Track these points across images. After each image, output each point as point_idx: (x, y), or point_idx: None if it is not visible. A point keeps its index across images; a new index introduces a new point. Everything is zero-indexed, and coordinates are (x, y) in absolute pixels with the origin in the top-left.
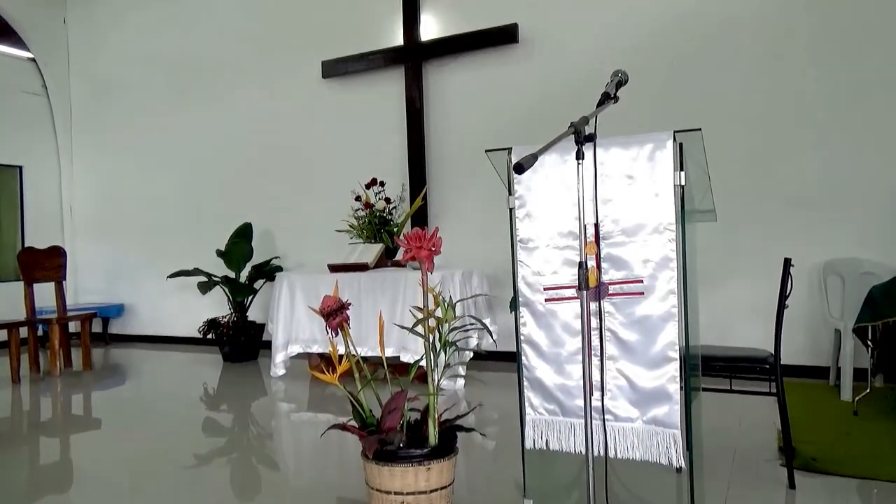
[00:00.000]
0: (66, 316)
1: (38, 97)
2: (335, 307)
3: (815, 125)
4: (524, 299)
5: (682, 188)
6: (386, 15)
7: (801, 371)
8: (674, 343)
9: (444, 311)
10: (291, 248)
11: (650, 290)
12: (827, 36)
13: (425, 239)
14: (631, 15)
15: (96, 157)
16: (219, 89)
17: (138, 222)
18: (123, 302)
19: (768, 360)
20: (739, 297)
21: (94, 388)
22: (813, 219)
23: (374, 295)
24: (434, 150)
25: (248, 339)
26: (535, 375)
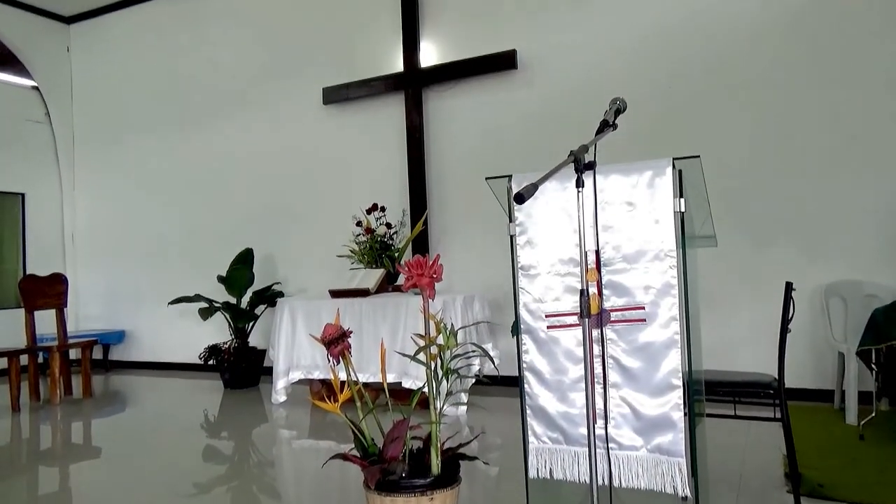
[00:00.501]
0: (67, 343)
1: (40, 125)
2: (336, 335)
3: (815, 147)
4: (526, 326)
5: (682, 214)
6: (386, 42)
7: (805, 394)
8: (677, 370)
9: (445, 338)
10: (293, 273)
11: (652, 317)
12: (824, 60)
13: (426, 266)
14: (628, 41)
15: (98, 184)
16: (220, 116)
17: (140, 249)
18: (124, 328)
19: (772, 384)
20: (742, 320)
21: (94, 415)
22: (814, 241)
23: (375, 321)
24: (434, 175)
25: (249, 366)
26: (537, 403)
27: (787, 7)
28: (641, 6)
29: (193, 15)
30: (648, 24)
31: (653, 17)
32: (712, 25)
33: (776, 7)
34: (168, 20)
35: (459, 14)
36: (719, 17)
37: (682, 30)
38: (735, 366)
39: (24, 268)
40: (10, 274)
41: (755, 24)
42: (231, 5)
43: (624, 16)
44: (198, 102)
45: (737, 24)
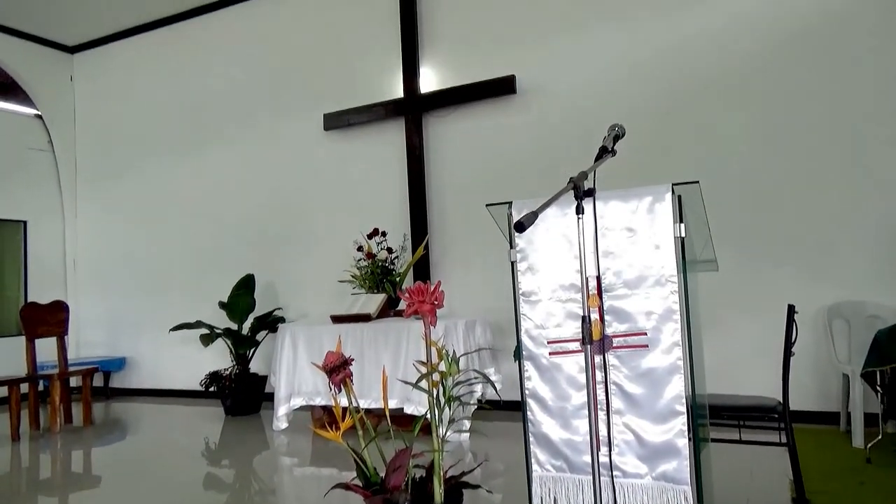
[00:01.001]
0: (68, 371)
1: (43, 153)
2: (338, 363)
3: (814, 168)
4: (528, 353)
5: (683, 240)
6: (386, 68)
7: (810, 416)
8: (680, 396)
9: (447, 365)
10: (294, 298)
11: (654, 343)
12: (821, 81)
13: (428, 293)
14: (626, 66)
15: (100, 211)
16: (221, 143)
17: (141, 275)
18: (125, 355)
19: (777, 408)
20: (745, 342)
21: (95, 444)
22: (815, 262)
23: (377, 346)
24: (435, 200)
25: (250, 392)
26: (540, 430)
27: (783, 28)
28: (638, 31)
29: (195, 43)
30: (645, 49)
31: (649, 41)
32: (708, 49)
33: (771, 28)
34: (169, 48)
35: (458, 40)
36: (715, 41)
37: (679, 54)
38: (739, 388)
39: (25, 295)
40: (11, 301)
41: (750, 46)
42: (232, 34)
43: (621, 41)
44: (199, 129)
45: (732, 48)
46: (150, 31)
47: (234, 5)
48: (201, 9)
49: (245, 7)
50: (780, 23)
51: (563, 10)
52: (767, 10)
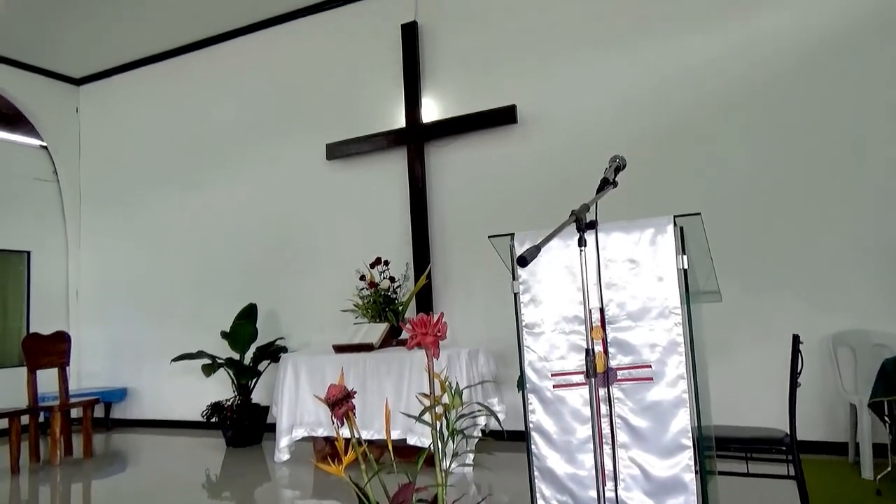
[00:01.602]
0: (69, 403)
1: (48, 183)
2: (340, 396)
3: (816, 195)
4: (532, 385)
5: (686, 271)
6: (388, 98)
7: (818, 447)
8: (686, 430)
9: (450, 397)
10: (296, 328)
11: (659, 376)
12: (822, 108)
13: (430, 324)
14: (627, 95)
15: (103, 241)
16: (224, 173)
17: (143, 305)
18: (126, 386)
19: (784, 440)
20: (751, 372)
21: (95, 476)
22: (819, 290)
23: (379, 376)
24: (437, 229)
25: (251, 423)
26: (545, 465)
27: (783, 56)
28: (638, 61)
29: (199, 74)
30: (646, 79)
31: (650, 71)
32: (709, 79)
33: (771, 58)
34: (174, 80)
35: (460, 70)
36: (716, 70)
37: (680, 84)
38: (746, 419)
39: (27, 325)
40: (13, 332)
41: (751, 75)
42: (235, 65)
43: (621, 71)
44: (202, 159)
45: (733, 77)
46: (155, 64)
47: (238, 38)
48: (205, 41)
49: (248, 39)
50: (780, 52)
51: (563, 40)
52: (767, 39)
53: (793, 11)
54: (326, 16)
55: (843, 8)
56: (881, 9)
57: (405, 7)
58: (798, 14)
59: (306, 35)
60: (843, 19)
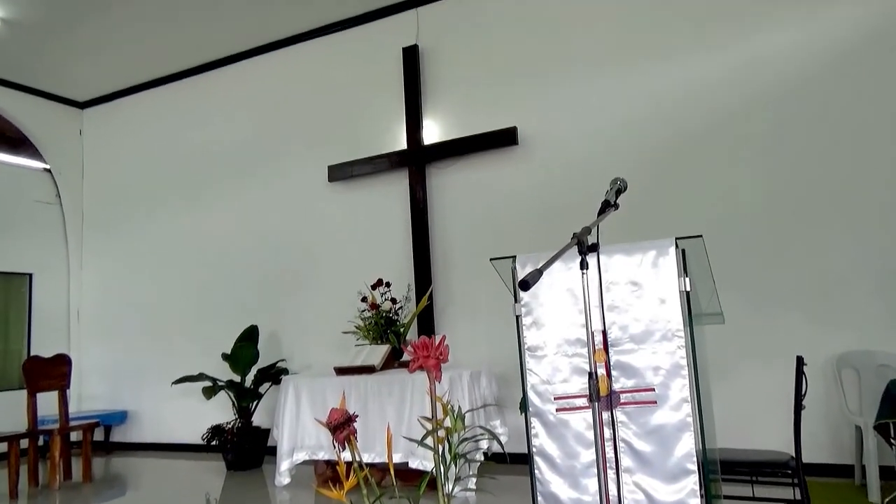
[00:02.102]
0: (68, 426)
1: (51, 206)
2: (342, 420)
3: (819, 215)
4: (534, 409)
5: (688, 294)
6: (390, 120)
7: (824, 469)
8: (691, 454)
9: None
10: (297, 349)
11: (663, 399)
12: (824, 127)
13: (432, 347)
14: (628, 116)
15: (105, 263)
16: (226, 195)
17: (144, 327)
18: (127, 408)
19: (790, 463)
20: (755, 394)
21: (93, 501)
22: (823, 311)
23: (381, 399)
24: (438, 250)
25: (252, 446)
26: (549, 490)
27: (785, 76)
28: (639, 82)
29: (201, 97)
30: (647, 100)
31: (652, 92)
32: (710, 100)
33: (773, 77)
34: (177, 103)
35: (461, 92)
36: (716, 89)
37: (681, 104)
38: (751, 441)
39: (28, 348)
40: (14, 354)
41: (752, 96)
42: (238, 88)
43: (622, 92)
44: (205, 181)
45: (734, 98)
46: (159, 87)
47: (241, 61)
48: (208, 65)
49: (250, 63)
50: (782, 73)
51: (563, 63)
52: (769, 61)
53: (793, 32)
54: (328, 39)
55: (844, 29)
56: (885, 29)
57: (406, 31)
58: (799, 35)
59: (308, 58)
60: (844, 40)
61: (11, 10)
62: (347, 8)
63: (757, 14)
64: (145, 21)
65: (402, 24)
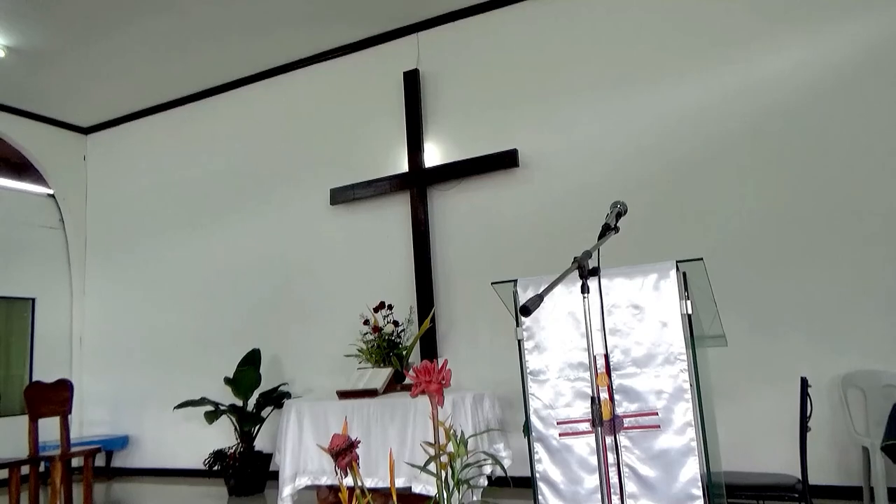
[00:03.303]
0: (70, 452)
1: (54, 230)
2: (344, 446)
3: (821, 235)
4: (538, 433)
5: (690, 317)
6: (391, 143)
7: (832, 492)
8: (696, 479)
9: (455, 446)
10: (299, 373)
11: (666, 423)
12: (823, 146)
13: (434, 372)
14: (629, 139)
15: (108, 288)
16: (228, 219)
17: (146, 352)
18: (128, 433)
19: (796, 486)
20: (760, 416)
21: None
22: (827, 331)
23: (383, 423)
24: (441, 272)
25: (254, 471)
26: None
27: (786, 97)
28: (640, 105)
29: (204, 122)
30: (648, 122)
31: (652, 115)
32: (711, 121)
33: (774, 98)
34: (180, 128)
35: (462, 115)
36: (717, 112)
37: (682, 126)
38: (757, 464)
39: (30, 373)
40: (16, 380)
41: (753, 114)
42: (240, 113)
43: (623, 114)
44: (207, 206)
45: (734, 117)
46: (162, 112)
47: (243, 87)
48: (211, 90)
49: (253, 88)
50: (783, 94)
51: (565, 84)
52: (770, 85)
53: (793, 55)
54: (330, 65)
55: (844, 50)
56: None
57: (407, 55)
58: (799, 58)
59: (310, 83)
60: (845, 62)
61: (16, 37)
62: (348, 33)
63: (756, 38)
64: (148, 47)
65: (403, 48)
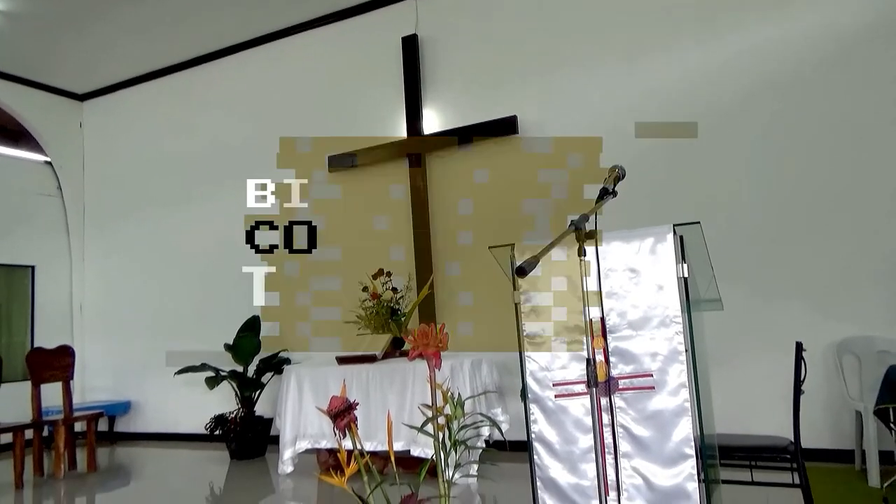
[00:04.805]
0: (73, 417)
1: (52, 198)
2: (342, 408)
3: (820, 201)
4: (533, 395)
5: (686, 280)
6: (389, 109)
7: (824, 454)
8: (689, 439)
9: (453, 408)
10: (299, 339)
11: (661, 385)
12: (826, 114)
13: (432, 335)
14: (628, 104)
15: (107, 255)
16: (227, 186)
17: (147, 318)
18: (130, 399)
19: (789, 448)
20: (754, 380)
21: (99, 490)
22: (823, 297)
23: (382, 387)
24: (439, 239)
25: (255, 435)
26: (548, 475)
27: (787, 63)
28: (640, 70)
29: (202, 89)
30: (647, 88)
31: (652, 80)
32: (712, 86)
33: (775, 63)
34: (177, 94)
35: (461, 81)
36: (718, 78)
37: (683, 92)
38: (750, 428)
39: (31, 340)
40: (17, 346)
41: (754, 81)
42: (238, 79)
43: (623, 80)
44: (206, 172)
45: (736, 83)
46: (159, 79)
47: (240, 52)
48: (208, 56)
49: (250, 53)
50: (784, 59)
51: (564, 51)
52: (772, 50)
53: (798, 20)
54: (328, 29)
55: (850, 16)
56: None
57: (405, 20)
58: (804, 23)
59: (308, 49)
60: (850, 28)
61: (11, 2)
62: None
63: (763, 3)
64: (145, 12)
65: (402, 13)
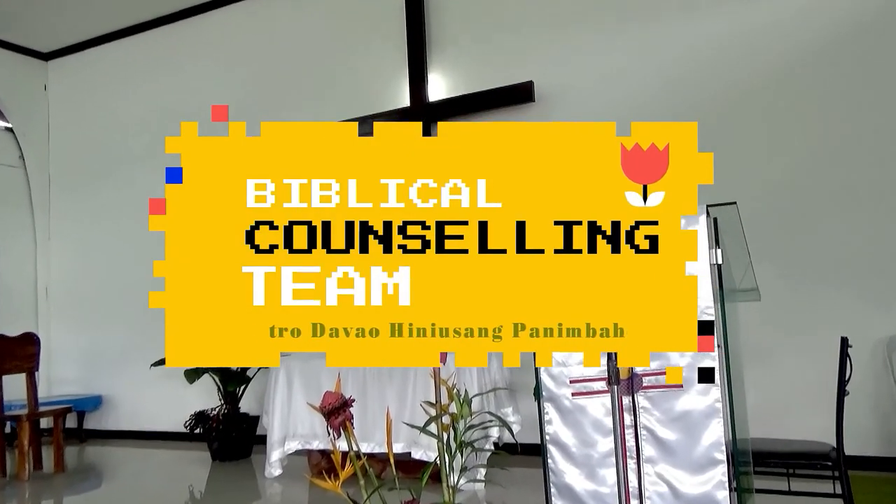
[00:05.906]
0: (38, 412)
1: (14, 169)
2: (337, 404)
3: (869, 178)
4: (548, 393)
5: (720, 267)
6: (391, 75)
7: (869, 463)
8: (720, 442)
9: (459, 406)
10: None
11: (690, 382)
12: (874, 79)
13: None
14: (652, 71)
15: (76, 233)
16: None
17: (120, 304)
18: (101, 393)
19: (831, 454)
20: (794, 379)
21: (66, 493)
22: (872, 288)
23: (380, 383)
24: None
25: (240, 434)
26: (563, 481)
27: (829, 28)
28: (663, 35)
29: (179, 47)
30: (671, 54)
31: (676, 45)
32: (741, 53)
33: (816, 28)
34: (152, 54)
35: (471, 43)
36: (748, 44)
37: (709, 58)
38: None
39: None
40: None
41: (794, 47)
42: (221, 37)
43: (646, 45)
44: None
45: (768, 51)
46: (131, 37)
47: (223, 7)
48: (185, 12)
49: (235, 8)
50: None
51: (585, 10)
52: (804, 14)
53: None
54: None
55: None
56: None
57: None
58: None
59: (298, 7)
60: None
61: None
62: None
63: None
64: None
65: None
